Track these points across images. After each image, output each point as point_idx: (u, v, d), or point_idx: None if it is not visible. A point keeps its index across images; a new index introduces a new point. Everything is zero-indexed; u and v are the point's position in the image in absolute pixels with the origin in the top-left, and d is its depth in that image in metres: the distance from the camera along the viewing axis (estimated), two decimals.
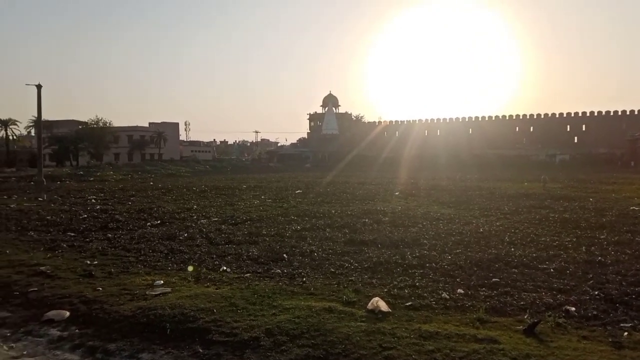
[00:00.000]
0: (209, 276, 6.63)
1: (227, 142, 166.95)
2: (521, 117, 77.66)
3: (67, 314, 5.14)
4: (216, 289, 5.94)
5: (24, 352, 4.34)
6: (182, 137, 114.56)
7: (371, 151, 73.86)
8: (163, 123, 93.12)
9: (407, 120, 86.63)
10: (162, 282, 6.29)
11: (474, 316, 4.95)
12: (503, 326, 4.71)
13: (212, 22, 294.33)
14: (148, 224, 11.94)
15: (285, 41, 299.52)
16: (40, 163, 27.65)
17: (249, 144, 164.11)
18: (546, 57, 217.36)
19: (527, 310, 5.16)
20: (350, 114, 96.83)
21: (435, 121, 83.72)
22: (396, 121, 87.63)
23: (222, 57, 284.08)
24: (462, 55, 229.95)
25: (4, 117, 70.80)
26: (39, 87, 24.75)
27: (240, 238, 9.56)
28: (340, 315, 4.88)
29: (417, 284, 6.15)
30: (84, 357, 4.23)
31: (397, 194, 19.79)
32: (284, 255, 7.89)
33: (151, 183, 32.22)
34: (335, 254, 8.00)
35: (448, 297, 5.62)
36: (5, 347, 4.45)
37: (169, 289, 5.91)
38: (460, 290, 5.88)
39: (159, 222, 12.25)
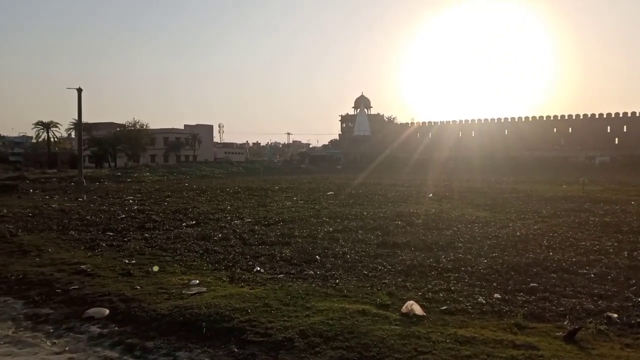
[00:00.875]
0: (243, 276, 6.70)
1: (259, 143, 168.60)
2: (559, 118, 75.57)
3: (107, 311, 5.28)
4: (250, 289, 6.00)
5: (66, 348, 4.48)
6: (216, 139, 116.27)
7: (403, 152, 73.27)
8: (198, 125, 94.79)
9: (440, 122, 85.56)
10: (197, 281, 6.39)
11: (512, 322, 4.84)
12: (542, 332, 4.58)
13: (245, 25, 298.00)
14: (183, 224, 12.16)
15: (317, 43, 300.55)
16: (80, 164, 28.51)
17: (280, 146, 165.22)
18: (584, 57, 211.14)
19: (567, 317, 5.01)
20: (382, 115, 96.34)
21: (469, 122, 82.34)
22: (429, 122, 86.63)
23: (255, 60, 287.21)
24: (496, 54, 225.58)
25: (45, 119, 73.45)
26: (79, 90, 25.53)
27: (273, 239, 9.63)
28: (374, 318, 4.85)
29: (452, 287, 6.06)
30: (123, 355, 4.34)
31: (430, 196, 19.56)
32: (317, 256, 7.90)
33: (186, 184, 32.83)
34: (368, 256, 7.96)
35: (484, 301, 5.51)
36: (48, 343, 4.61)
37: (204, 289, 6.00)
38: (497, 295, 5.76)
39: (194, 222, 12.46)
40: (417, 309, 5.10)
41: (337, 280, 6.41)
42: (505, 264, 7.23)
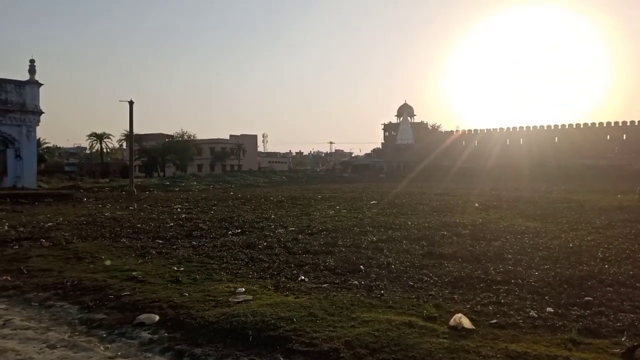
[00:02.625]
0: (288, 285, 6.73)
1: (302, 153, 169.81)
2: (612, 125, 72.46)
3: (157, 317, 5.42)
4: (295, 298, 6.02)
5: (118, 353, 4.62)
6: (260, 148, 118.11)
7: (448, 161, 72.05)
8: (242, 135, 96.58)
9: (486, 129, 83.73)
10: (243, 289, 6.47)
11: (566, 337, 4.64)
12: (598, 349, 4.37)
13: (287, 35, 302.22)
14: (229, 232, 12.37)
15: (360, 52, 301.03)
16: (131, 174, 29.65)
17: (323, 155, 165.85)
18: (638, 61, 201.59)
19: (625, 333, 4.76)
20: (426, 123, 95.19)
21: (517, 129, 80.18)
22: (475, 130, 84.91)
23: (297, 69, 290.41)
24: (545, 60, 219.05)
25: (99, 131, 76.73)
26: (131, 103, 26.60)
27: (317, 248, 9.64)
28: (421, 331, 4.76)
29: (502, 300, 5.87)
30: None
31: (477, 205, 19.11)
32: (361, 266, 7.85)
33: (231, 193, 33.42)
34: (414, 266, 7.84)
35: (536, 315, 5.31)
36: (102, 348, 4.76)
37: (250, 297, 6.06)
38: (549, 309, 5.54)
39: (239, 230, 12.65)
40: (466, 322, 4.98)
41: (382, 291, 6.34)
42: (557, 276, 6.96)
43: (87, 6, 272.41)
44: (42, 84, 34.31)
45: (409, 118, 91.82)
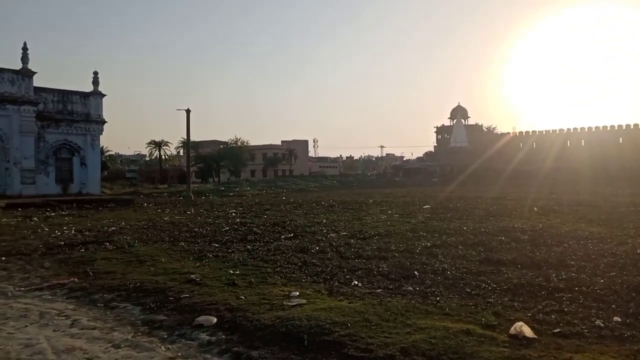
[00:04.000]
0: (341, 290, 6.72)
1: (352, 157, 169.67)
2: None
3: (215, 320, 5.55)
4: (349, 303, 6.00)
5: (179, 354, 4.76)
6: (311, 153, 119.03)
7: (504, 164, 69.85)
8: (294, 141, 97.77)
9: (545, 130, 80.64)
10: (297, 293, 6.52)
11: (635, 348, 4.38)
12: None
13: (338, 38, 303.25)
14: (282, 236, 12.52)
15: (411, 54, 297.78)
16: (188, 180, 30.61)
17: (374, 159, 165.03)
18: None
19: None
20: (481, 125, 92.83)
21: (578, 130, 76.69)
22: (533, 131, 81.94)
23: (348, 74, 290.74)
24: (606, 58, 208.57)
25: (157, 139, 79.80)
26: (188, 111, 27.48)
27: (370, 253, 9.58)
28: (480, 339, 4.63)
29: (565, 309, 5.62)
30: None
31: (536, 209, 18.40)
32: (415, 272, 7.73)
33: (283, 198, 33.84)
34: (470, 273, 7.64)
35: (602, 325, 5.04)
36: (163, 348, 4.93)
37: (304, 301, 6.10)
38: (616, 318, 5.24)
39: (292, 235, 12.77)
40: (527, 331, 4.79)
41: (438, 298, 6.21)
42: (625, 284, 6.58)
43: (143, 20, 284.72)
44: (105, 95, 36.15)
45: (462, 120, 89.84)
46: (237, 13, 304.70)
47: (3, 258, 10.23)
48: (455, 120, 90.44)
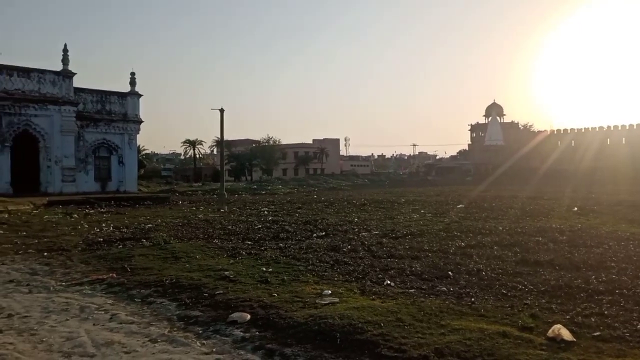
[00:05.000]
0: (374, 289, 6.69)
1: (384, 156, 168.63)
2: None
3: (248, 316, 5.61)
4: (381, 302, 5.97)
5: (214, 349, 4.84)
6: (342, 152, 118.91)
7: (541, 162, 68.07)
8: (325, 140, 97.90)
9: (584, 128, 78.25)
10: (329, 291, 6.53)
11: None
12: None
13: (370, 35, 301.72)
14: (314, 235, 12.55)
15: (445, 51, 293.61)
16: (222, 178, 31.12)
17: (406, 158, 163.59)
18: None
19: None
20: (517, 123, 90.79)
21: (619, 128, 74.09)
22: (571, 129, 79.64)
23: (381, 71, 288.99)
24: None
25: (192, 138, 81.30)
26: (221, 111, 27.94)
27: (402, 252, 9.50)
28: (516, 341, 4.53)
29: (605, 312, 5.43)
30: (264, 359, 4.56)
31: (575, 209, 17.88)
32: (449, 272, 7.62)
33: (315, 196, 33.94)
34: (506, 274, 7.48)
35: None
36: (198, 343, 5.02)
37: (336, 299, 6.11)
38: None
39: (323, 233, 12.79)
40: (566, 334, 4.66)
41: (473, 299, 6.11)
42: None
43: (177, 20, 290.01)
44: (142, 95, 37.02)
45: (498, 118, 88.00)
46: (266, 10, 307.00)
47: (45, 254, 10.61)
48: (490, 118, 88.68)
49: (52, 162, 31.22)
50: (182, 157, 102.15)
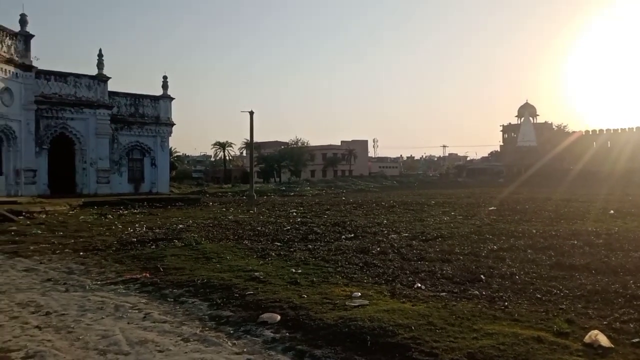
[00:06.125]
0: (404, 292, 6.63)
1: (413, 157, 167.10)
2: None
3: (278, 317, 5.64)
4: (412, 305, 5.91)
5: (244, 350, 4.87)
6: (371, 153, 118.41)
7: (575, 164, 66.30)
8: (353, 141, 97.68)
9: (620, 129, 75.86)
10: (359, 294, 6.50)
11: None
12: None
13: (398, 35, 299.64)
14: (342, 236, 12.53)
15: (475, 51, 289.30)
16: (251, 180, 31.39)
17: (436, 159, 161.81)
18: None
19: None
20: (551, 123, 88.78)
21: None
22: (607, 129, 77.33)
23: (410, 71, 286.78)
24: None
25: (222, 140, 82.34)
26: (251, 113, 28.21)
27: (432, 255, 9.39)
28: (551, 347, 4.42)
29: None
30: None
31: (611, 212, 17.34)
32: (481, 276, 7.49)
33: (343, 198, 33.90)
34: (541, 278, 7.31)
35: None
36: (229, 343, 5.07)
37: (366, 302, 6.08)
38: None
39: (352, 235, 12.76)
40: (603, 340, 4.52)
41: (506, 303, 5.98)
42: None
43: (207, 24, 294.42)
44: (174, 98, 37.68)
45: (531, 118, 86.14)
46: (296, 14, 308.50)
47: (81, 253, 10.91)
48: (522, 119, 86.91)
49: (87, 164, 32.08)
50: (212, 159, 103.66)
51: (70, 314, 6.26)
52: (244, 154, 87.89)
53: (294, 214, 20.44)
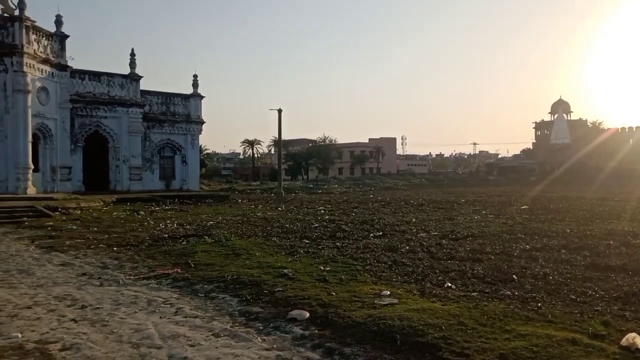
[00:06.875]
0: (434, 291, 6.57)
1: (442, 155, 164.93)
2: None
3: (307, 314, 5.66)
4: (442, 305, 5.84)
5: (274, 346, 4.91)
6: (399, 151, 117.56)
7: (611, 162, 64.25)
8: (381, 139, 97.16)
9: None
10: (388, 292, 6.47)
11: None
12: None
13: (427, 31, 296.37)
14: (371, 234, 12.48)
15: (508, 45, 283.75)
16: (280, 177, 31.52)
17: (466, 157, 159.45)
18: None
19: None
20: (585, 120, 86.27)
21: None
22: None
23: (439, 68, 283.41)
24: None
25: (250, 138, 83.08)
26: (279, 111, 28.28)
27: (463, 254, 9.27)
28: (587, 349, 4.31)
29: None
30: (324, 357, 4.58)
31: None
32: (514, 276, 7.35)
33: (371, 196, 33.76)
34: (575, 279, 7.13)
35: None
36: (259, 339, 5.11)
37: (395, 300, 6.04)
38: None
39: (380, 233, 12.69)
40: None
41: (539, 304, 5.85)
42: None
43: (235, 23, 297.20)
44: (204, 97, 38.20)
45: (564, 115, 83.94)
46: (323, 11, 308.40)
47: (115, 248, 11.18)
48: (556, 115, 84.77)
49: (120, 162, 32.82)
50: (241, 156, 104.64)
51: (105, 307, 6.43)
52: (272, 151, 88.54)
53: (322, 211, 20.47)
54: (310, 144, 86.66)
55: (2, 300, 6.75)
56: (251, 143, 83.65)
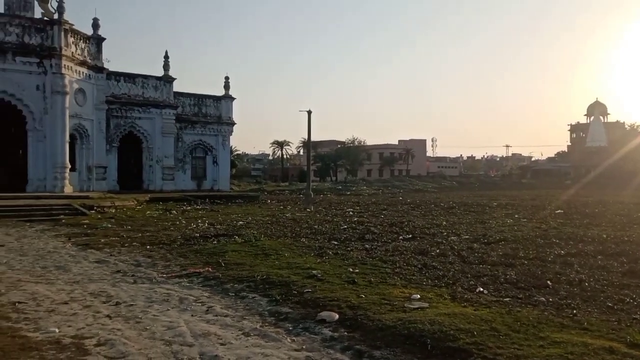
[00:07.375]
0: (465, 296, 6.47)
1: (474, 157, 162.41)
2: None
3: (337, 316, 5.66)
4: (474, 310, 5.75)
5: (303, 346, 4.92)
6: (429, 153, 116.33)
7: None
8: (411, 140, 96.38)
9: None
10: (418, 296, 6.41)
11: None
12: None
13: (459, 32, 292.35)
14: (400, 237, 12.38)
15: (542, 44, 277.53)
16: (308, 178, 31.65)
17: (498, 159, 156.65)
18: None
19: None
20: (623, 122, 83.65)
21: None
22: None
23: (471, 67, 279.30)
24: None
25: (280, 139, 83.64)
26: (309, 112, 28.36)
27: (495, 259, 9.10)
28: (624, 358, 4.17)
29: None
30: None
31: None
32: (548, 282, 7.18)
33: (400, 198, 33.53)
34: (612, 285, 6.92)
35: None
36: (288, 340, 5.14)
37: (426, 304, 5.98)
38: None
39: (410, 236, 12.58)
40: None
41: (575, 311, 5.70)
42: None
43: (265, 26, 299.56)
44: (235, 98, 38.66)
45: (601, 117, 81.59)
46: (352, 14, 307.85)
47: (148, 247, 11.41)
48: (592, 118, 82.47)
49: (153, 162, 33.51)
50: (270, 157, 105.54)
51: (138, 304, 6.56)
52: (301, 152, 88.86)
53: (351, 213, 20.43)
54: (339, 145, 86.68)
55: (41, 296, 6.97)
56: (280, 144, 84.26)
